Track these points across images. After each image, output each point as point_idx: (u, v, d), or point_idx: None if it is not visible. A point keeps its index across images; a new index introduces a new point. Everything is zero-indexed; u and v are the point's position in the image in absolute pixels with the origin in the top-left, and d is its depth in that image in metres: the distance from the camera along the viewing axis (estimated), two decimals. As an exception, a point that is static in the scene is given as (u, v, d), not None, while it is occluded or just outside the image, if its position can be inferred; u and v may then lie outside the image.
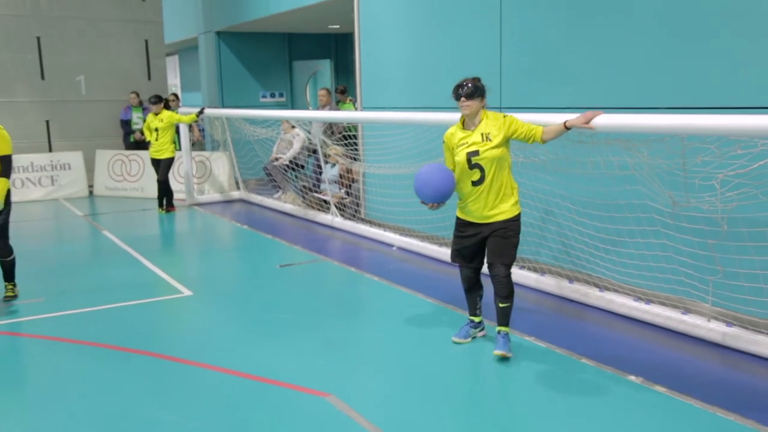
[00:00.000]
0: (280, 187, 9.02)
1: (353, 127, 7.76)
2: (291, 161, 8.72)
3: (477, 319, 4.03)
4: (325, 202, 7.83)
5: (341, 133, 7.86)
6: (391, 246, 6.43)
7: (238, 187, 9.87)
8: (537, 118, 3.98)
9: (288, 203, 8.58)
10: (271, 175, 9.05)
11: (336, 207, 7.53)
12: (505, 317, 3.74)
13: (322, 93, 8.98)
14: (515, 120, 3.73)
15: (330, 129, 8.37)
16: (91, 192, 10.16)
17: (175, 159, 8.59)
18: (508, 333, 3.76)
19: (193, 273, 5.87)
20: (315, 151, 8.10)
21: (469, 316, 4.04)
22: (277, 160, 8.86)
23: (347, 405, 3.12)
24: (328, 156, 7.74)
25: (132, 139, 10.43)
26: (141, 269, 5.79)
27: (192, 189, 9.26)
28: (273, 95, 11.89)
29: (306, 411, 3.09)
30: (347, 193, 7.71)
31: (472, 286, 3.93)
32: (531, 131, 3.68)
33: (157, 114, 8.28)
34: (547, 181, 4.80)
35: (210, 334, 4.22)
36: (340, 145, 7.61)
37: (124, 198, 9.80)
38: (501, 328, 3.76)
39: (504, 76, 5.36)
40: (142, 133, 9.88)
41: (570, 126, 3.63)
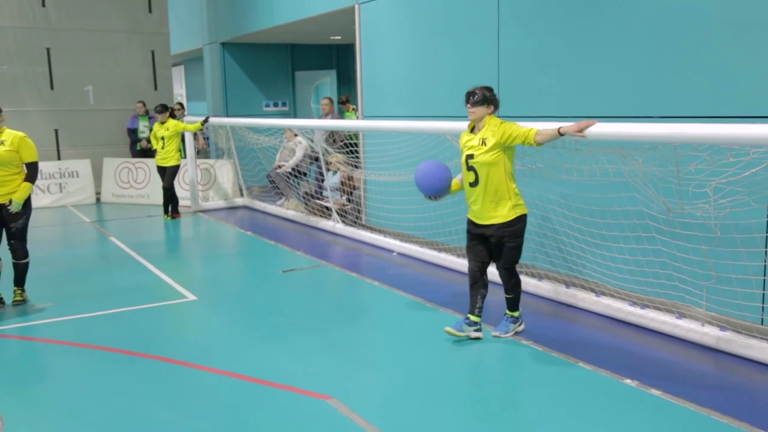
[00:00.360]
0: (282, 194, 9.07)
1: (354, 135, 7.84)
2: (293, 169, 8.80)
3: (474, 318, 4.02)
4: (327, 208, 7.89)
5: (343, 141, 7.94)
6: (392, 251, 6.46)
7: (241, 194, 9.93)
8: (534, 126, 4.05)
9: (290, 210, 8.63)
10: (274, 183, 9.13)
11: (337, 213, 7.58)
12: (509, 303, 4.16)
13: (324, 102, 9.05)
14: (510, 126, 3.82)
15: (332, 137, 8.46)
16: (99, 199, 10.24)
17: (181, 166, 8.66)
18: (510, 316, 4.15)
19: (198, 278, 5.91)
20: (317, 159, 8.18)
21: (468, 312, 4.06)
22: (280, 167, 8.94)
23: (348, 407, 3.14)
24: (329, 163, 7.82)
25: (138, 148, 10.50)
26: (147, 274, 5.84)
27: (197, 196, 9.34)
28: (276, 104, 11.97)
29: (307, 413, 3.11)
30: (348, 200, 7.77)
31: (475, 281, 4.04)
32: (524, 134, 3.77)
33: (163, 123, 8.37)
34: (544, 188, 4.84)
35: (214, 337, 4.26)
36: (341, 153, 7.70)
37: (130, 205, 9.88)
38: (507, 311, 4.17)
39: (501, 85, 5.42)
40: (148, 142, 9.97)
41: (563, 133, 3.69)
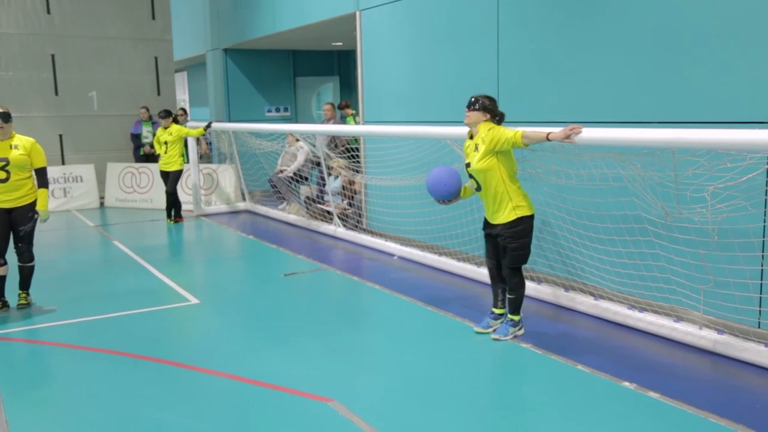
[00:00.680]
0: (284, 199, 9.12)
1: (356, 140, 7.90)
2: (295, 173, 8.85)
3: (498, 311, 4.26)
4: (329, 212, 7.94)
5: (344, 146, 7.99)
6: (393, 255, 6.49)
7: (244, 199, 9.98)
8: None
9: (292, 214, 8.66)
10: (276, 187, 9.18)
11: (339, 218, 7.62)
12: (510, 305, 4.19)
13: (327, 108, 9.12)
14: (498, 131, 3.88)
15: (333, 142, 8.51)
16: (102, 203, 10.29)
17: (184, 171, 8.71)
18: (510, 320, 4.19)
19: (201, 281, 5.93)
20: (319, 164, 8.24)
21: (492, 307, 4.30)
22: (282, 172, 9.00)
23: (349, 410, 3.16)
24: (331, 168, 7.88)
25: (142, 153, 10.56)
26: (150, 278, 5.88)
27: (199, 200, 9.39)
28: (278, 110, 12.02)
29: (309, 416, 3.13)
30: (350, 204, 7.81)
31: (493, 277, 4.26)
32: (511, 138, 3.82)
33: (167, 128, 8.43)
34: (543, 192, 4.87)
35: (216, 340, 4.28)
36: (342, 158, 7.75)
37: (133, 209, 9.93)
38: (509, 314, 4.21)
39: (501, 90, 5.46)
40: (151, 147, 10.04)
41: (552, 139, 3.74)
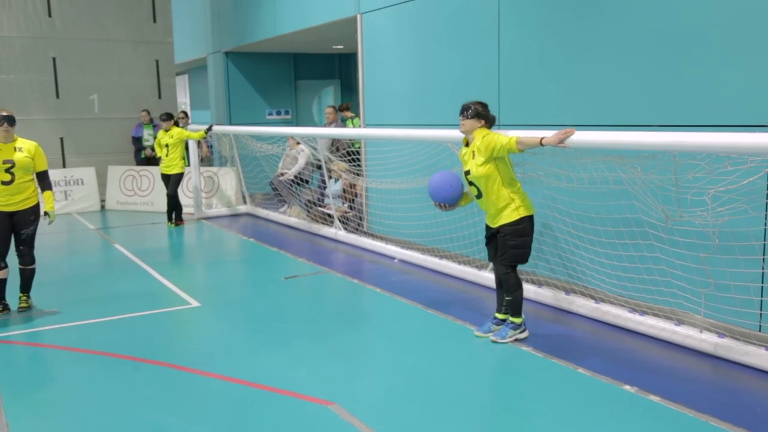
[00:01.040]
0: (285, 202, 9.14)
1: (357, 143, 7.91)
2: (296, 176, 8.87)
3: (501, 316, 4.25)
4: (329, 215, 7.95)
5: (345, 149, 8.01)
6: (393, 258, 6.49)
7: (244, 202, 9.99)
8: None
9: (293, 217, 8.67)
10: (277, 190, 9.19)
11: (339, 221, 7.62)
12: (509, 308, 4.18)
13: (329, 111, 9.14)
14: (493, 137, 3.89)
15: (334, 145, 8.53)
16: (103, 206, 10.31)
17: (185, 174, 8.74)
18: (511, 322, 4.17)
19: (201, 284, 5.94)
20: (320, 167, 8.25)
21: (495, 312, 4.31)
22: (283, 175, 9.02)
23: (350, 413, 3.17)
24: (332, 171, 7.89)
25: (143, 156, 10.57)
26: (150, 281, 5.89)
27: (200, 203, 9.40)
28: (279, 113, 12.06)
29: (310, 419, 3.14)
30: (350, 207, 7.82)
31: (499, 281, 4.25)
32: (506, 144, 3.83)
33: (168, 131, 8.46)
34: (544, 195, 4.88)
35: (217, 343, 4.29)
36: (343, 161, 7.76)
37: (134, 212, 9.94)
38: (509, 317, 4.19)
39: (502, 94, 5.48)
40: (152, 150, 10.06)
41: (545, 144, 3.75)
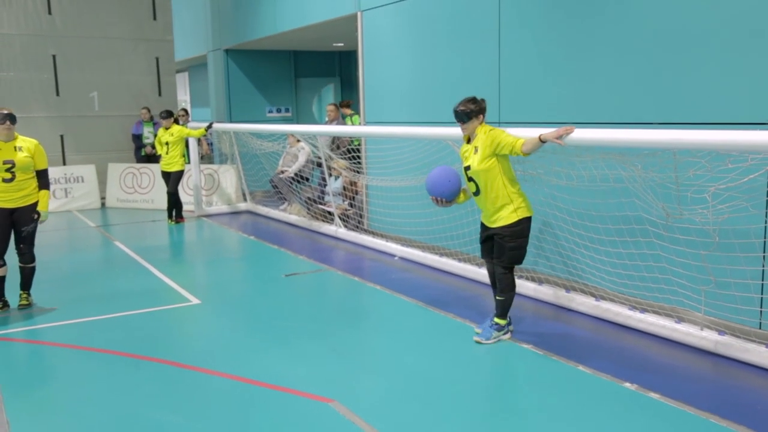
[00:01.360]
0: (285, 199, 9.14)
1: (357, 141, 7.91)
2: (296, 174, 8.88)
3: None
4: (330, 213, 7.95)
5: (346, 147, 8.00)
6: (394, 256, 6.50)
7: (245, 199, 10.01)
8: (533, 132, 4.09)
9: (293, 215, 8.68)
10: (277, 188, 9.19)
11: (340, 218, 7.63)
12: (498, 308, 4.12)
13: (330, 109, 9.13)
14: (499, 134, 3.86)
15: (335, 143, 8.52)
16: (104, 204, 10.32)
17: (185, 172, 8.74)
18: (495, 323, 4.11)
19: (201, 282, 5.94)
20: (320, 164, 8.25)
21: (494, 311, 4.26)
22: (283, 172, 9.02)
23: (350, 410, 3.17)
24: (332, 169, 7.89)
25: (143, 153, 10.58)
26: (151, 278, 5.89)
27: (200, 201, 9.41)
28: (279, 110, 12.05)
29: (310, 416, 3.14)
30: (351, 205, 7.82)
31: (494, 281, 4.23)
32: (511, 144, 3.80)
33: (168, 128, 8.46)
34: (545, 194, 4.88)
35: (217, 341, 4.30)
36: (344, 159, 7.76)
37: (135, 209, 9.96)
38: (495, 318, 4.16)
39: (502, 91, 5.48)
40: (152, 147, 10.06)
41: (544, 140, 3.74)
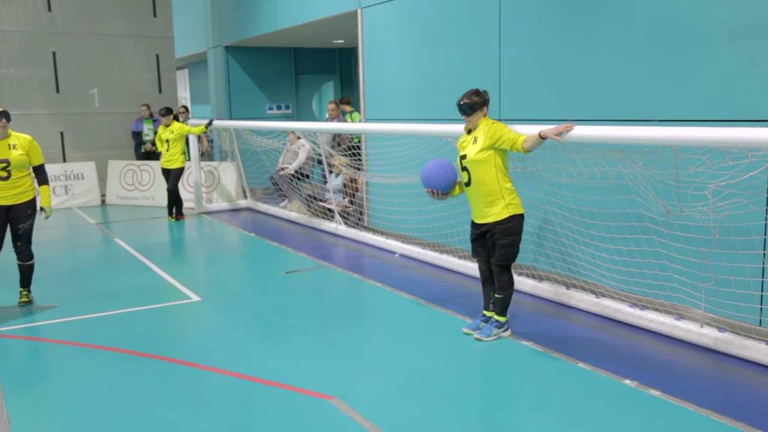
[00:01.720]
0: (285, 196, 9.15)
1: (358, 138, 7.91)
2: (296, 171, 8.87)
3: (489, 314, 4.21)
4: (330, 210, 7.96)
5: (347, 144, 8.00)
6: (394, 253, 6.50)
7: (245, 196, 10.01)
8: (533, 129, 4.09)
9: (293, 212, 8.68)
10: (277, 185, 9.20)
11: (340, 215, 7.64)
12: (496, 306, 4.11)
13: (331, 106, 9.12)
14: (501, 128, 3.85)
15: (336, 140, 8.51)
16: (104, 201, 10.32)
17: (185, 169, 8.74)
18: (496, 320, 4.11)
19: (202, 279, 5.95)
20: (320, 162, 8.24)
21: (483, 309, 4.26)
22: (283, 170, 9.02)
23: (351, 407, 3.18)
24: (332, 166, 7.88)
25: (143, 150, 10.57)
26: (151, 275, 5.90)
27: (201, 198, 9.41)
28: (279, 107, 12.05)
29: (310, 413, 3.15)
30: (351, 202, 7.83)
31: (485, 279, 4.19)
32: (513, 141, 3.80)
33: (168, 126, 8.46)
34: (545, 191, 4.88)
35: (218, 338, 4.30)
36: (344, 156, 7.75)
37: (135, 207, 9.96)
38: (494, 315, 4.14)
39: (503, 88, 5.47)
40: (153, 144, 10.05)
41: (544, 136, 3.75)
